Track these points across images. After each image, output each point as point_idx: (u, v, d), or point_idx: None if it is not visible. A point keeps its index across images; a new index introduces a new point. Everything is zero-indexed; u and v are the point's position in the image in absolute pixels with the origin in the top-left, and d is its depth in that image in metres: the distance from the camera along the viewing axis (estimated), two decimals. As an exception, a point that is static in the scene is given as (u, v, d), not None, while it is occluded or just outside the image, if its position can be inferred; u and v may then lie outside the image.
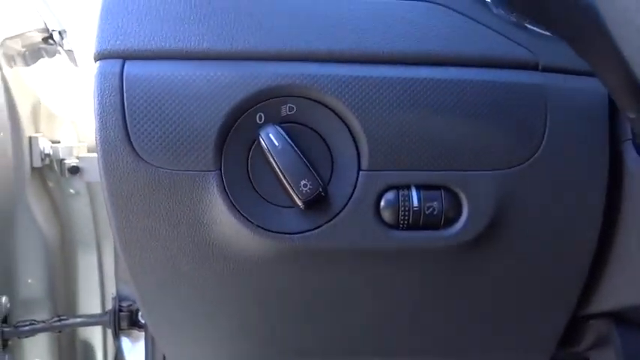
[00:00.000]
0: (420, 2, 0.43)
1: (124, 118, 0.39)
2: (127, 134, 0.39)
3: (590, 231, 0.44)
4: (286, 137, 0.39)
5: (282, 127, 0.40)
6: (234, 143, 0.40)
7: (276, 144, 0.39)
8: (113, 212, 0.41)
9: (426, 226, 0.42)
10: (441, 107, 0.41)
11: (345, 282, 0.44)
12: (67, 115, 0.89)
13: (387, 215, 0.41)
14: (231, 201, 0.40)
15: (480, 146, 0.42)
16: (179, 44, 0.40)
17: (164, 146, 0.39)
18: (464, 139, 0.41)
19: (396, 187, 0.41)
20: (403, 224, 0.41)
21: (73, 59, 0.81)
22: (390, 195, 0.41)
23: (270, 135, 0.39)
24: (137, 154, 0.39)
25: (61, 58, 0.82)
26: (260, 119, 0.40)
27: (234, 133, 0.40)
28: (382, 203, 0.41)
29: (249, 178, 0.41)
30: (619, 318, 0.49)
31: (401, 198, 0.41)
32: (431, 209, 0.41)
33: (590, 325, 0.51)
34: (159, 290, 0.44)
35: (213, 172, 0.40)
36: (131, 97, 0.39)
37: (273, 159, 0.39)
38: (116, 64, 0.40)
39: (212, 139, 0.39)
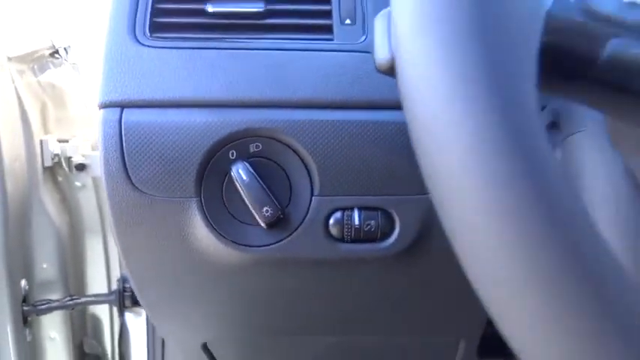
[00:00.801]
0: (368, 54, 0.50)
1: (123, 156, 0.48)
2: (126, 169, 0.48)
3: None
4: (252, 172, 0.48)
5: (250, 162, 0.48)
6: (211, 175, 0.49)
7: (244, 178, 0.48)
8: (116, 230, 0.50)
9: (366, 240, 0.50)
10: (377, 143, 0.48)
11: (302, 284, 0.54)
12: (73, 116, 0.98)
13: (334, 231, 0.50)
14: (209, 221, 0.49)
15: (408, 175, 0.49)
16: (167, 95, 0.48)
17: (155, 179, 0.48)
18: (395, 169, 0.49)
19: (342, 209, 0.50)
20: (347, 238, 0.50)
21: (76, 70, 0.90)
22: (337, 215, 0.50)
23: (240, 170, 0.48)
24: (134, 185, 0.48)
25: (66, 68, 0.90)
26: (232, 155, 0.49)
27: (211, 167, 0.48)
28: (331, 221, 0.50)
29: (224, 202, 0.49)
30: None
31: (345, 217, 0.50)
32: (369, 226, 0.50)
33: None
34: (156, 289, 0.54)
35: (194, 199, 0.49)
36: (128, 139, 0.47)
37: (242, 189, 0.48)
38: (116, 112, 0.48)
39: (193, 173, 0.48)
